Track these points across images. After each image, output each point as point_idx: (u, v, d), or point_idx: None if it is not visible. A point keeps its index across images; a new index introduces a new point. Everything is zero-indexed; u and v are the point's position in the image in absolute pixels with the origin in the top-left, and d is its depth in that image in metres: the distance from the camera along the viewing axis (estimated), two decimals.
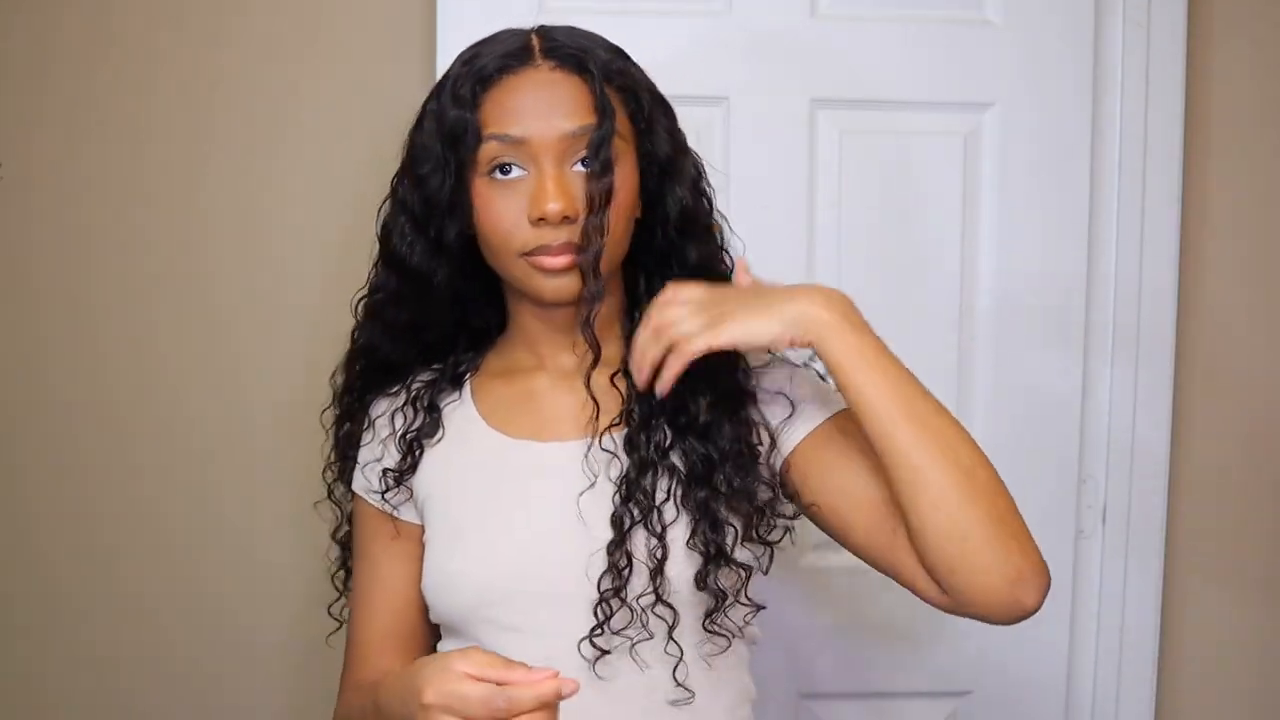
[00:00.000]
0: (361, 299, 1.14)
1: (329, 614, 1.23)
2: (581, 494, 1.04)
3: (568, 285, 1.03)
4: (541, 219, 1.00)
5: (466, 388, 1.14)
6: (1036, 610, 0.96)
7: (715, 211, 1.14)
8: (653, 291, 1.06)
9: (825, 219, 1.55)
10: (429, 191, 1.04)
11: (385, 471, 1.12)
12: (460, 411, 1.13)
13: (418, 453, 1.11)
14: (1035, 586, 0.95)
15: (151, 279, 1.56)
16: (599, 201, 1.01)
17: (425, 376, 1.15)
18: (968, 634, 1.60)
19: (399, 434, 1.12)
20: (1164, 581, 1.63)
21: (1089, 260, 1.57)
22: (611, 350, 1.08)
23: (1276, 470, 1.65)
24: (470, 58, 1.04)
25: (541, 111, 1.01)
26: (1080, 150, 1.56)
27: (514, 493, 1.07)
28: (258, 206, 1.56)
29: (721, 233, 1.14)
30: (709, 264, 1.11)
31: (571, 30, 1.06)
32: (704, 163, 1.13)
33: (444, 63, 1.45)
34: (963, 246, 1.56)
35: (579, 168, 1.02)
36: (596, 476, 1.05)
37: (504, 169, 1.02)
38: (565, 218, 1.00)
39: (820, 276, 1.55)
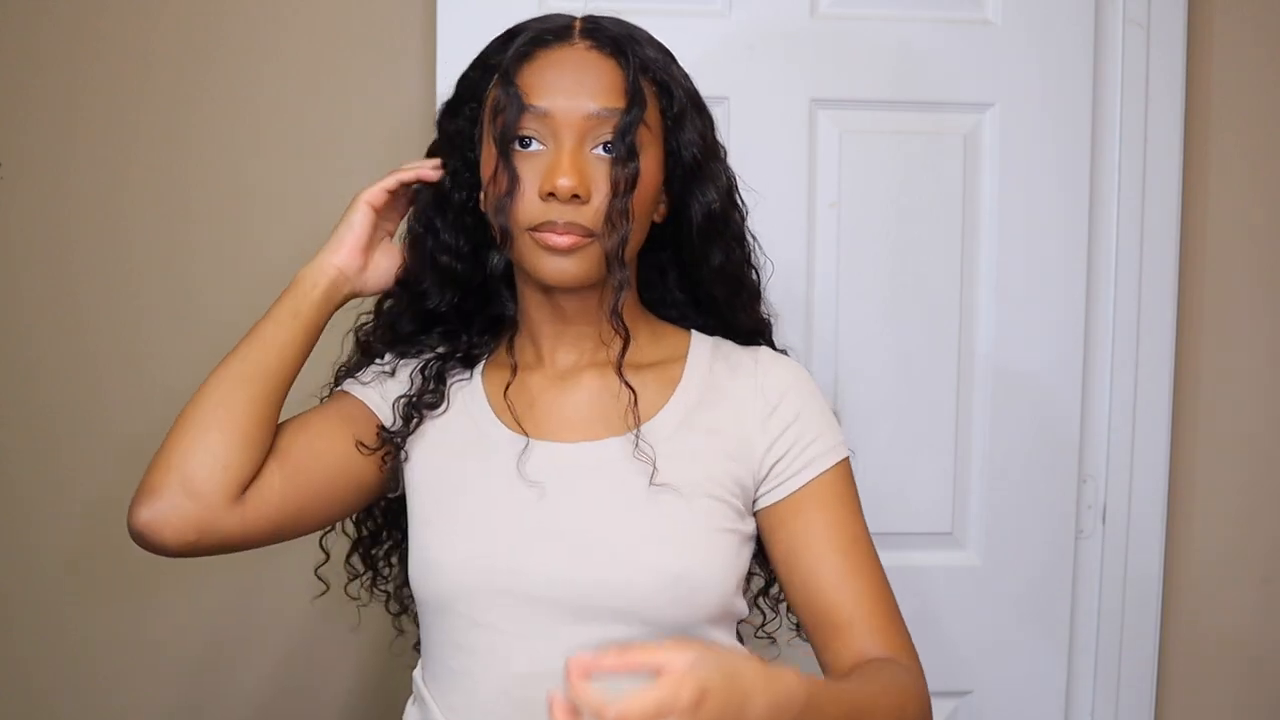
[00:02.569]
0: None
1: (346, 593, 1.24)
2: (569, 498, 1.04)
3: (569, 268, 1.01)
4: (551, 194, 0.99)
5: (478, 371, 1.14)
6: None
7: (747, 229, 1.13)
8: (679, 287, 1.14)
9: (825, 219, 1.55)
10: (455, 157, 1.08)
11: (397, 400, 1.11)
12: (467, 391, 1.12)
13: (415, 420, 1.10)
14: None
15: (147, 279, 1.57)
16: (624, 186, 1.00)
17: (440, 349, 1.14)
18: (968, 634, 1.60)
19: (401, 396, 1.11)
20: (1164, 581, 1.63)
21: (1088, 260, 1.57)
22: (619, 349, 1.07)
23: (1276, 470, 1.65)
24: (511, 34, 1.05)
25: (568, 88, 1.00)
26: (1080, 150, 1.56)
27: (504, 487, 1.05)
28: (255, 206, 1.56)
29: (753, 250, 1.14)
30: (732, 270, 1.12)
31: (619, 20, 1.06)
32: (736, 177, 1.12)
33: (444, 60, 1.45)
34: (963, 246, 1.56)
35: (600, 151, 1.01)
36: (587, 481, 1.04)
37: (524, 141, 1.01)
38: (575, 196, 0.98)
39: (820, 277, 1.55)
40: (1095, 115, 1.56)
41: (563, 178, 0.98)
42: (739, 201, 1.12)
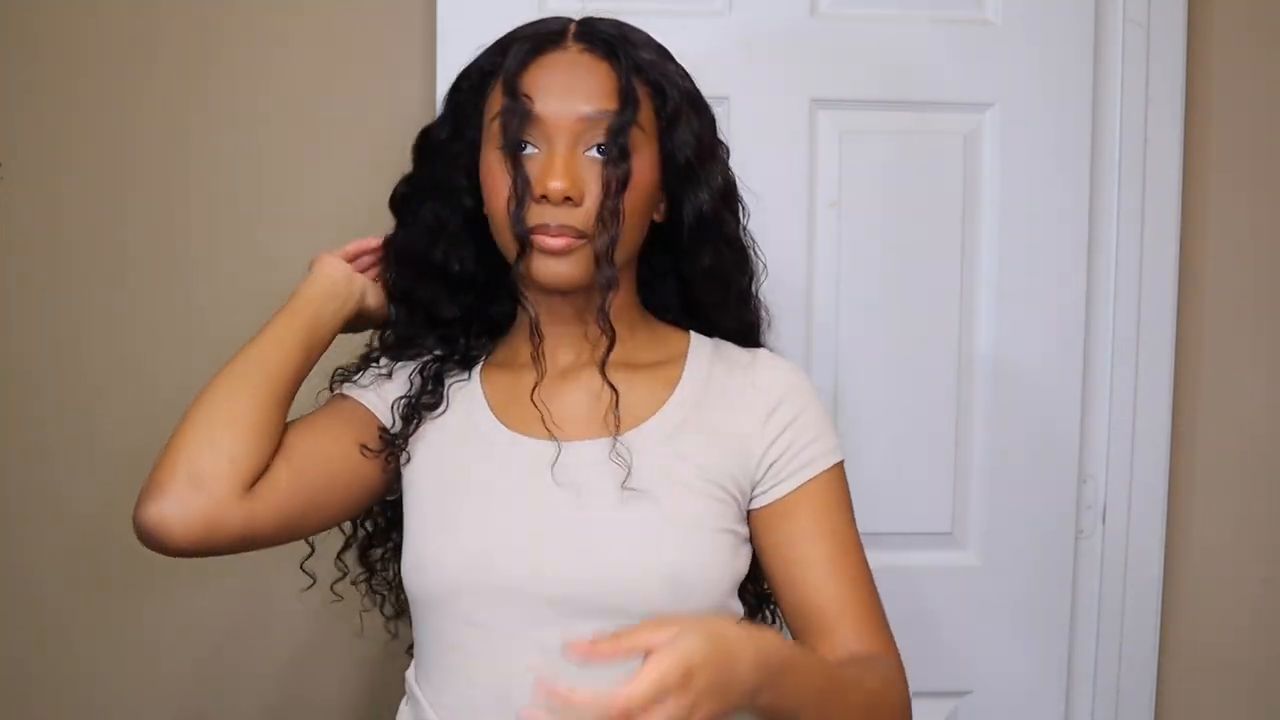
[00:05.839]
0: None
1: (332, 591, 1.24)
2: (565, 497, 1.03)
3: (563, 269, 1.02)
4: (544, 196, 1.00)
5: (476, 372, 1.14)
6: None
7: (745, 232, 1.13)
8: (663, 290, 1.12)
9: (825, 219, 1.55)
10: (449, 162, 1.07)
11: (396, 401, 1.12)
12: (466, 392, 1.12)
13: (415, 421, 1.10)
14: None
15: (147, 280, 1.57)
16: (614, 187, 1.00)
17: (438, 351, 1.15)
18: (967, 634, 1.60)
19: (401, 397, 1.11)
20: (1164, 581, 1.63)
21: (1089, 260, 1.57)
22: (616, 350, 1.07)
23: (1276, 470, 1.65)
24: (507, 41, 1.06)
25: (561, 91, 1.01)
26: (1080, 150, 1.56)
27: (500, 486, 1.06)
28: (254, 208, 1.56)
29: (751, 249, 1.14)
30: (720, 273, 1.12)
31: (616, 21, 1.07)
32: (737, 178, 1.13)
33: (444, 64, 1.46)
34: (963, 246, 1.56)
35: (594, 154, 1.02)
36: (585, 479, 1.04)
37: (519, 145, 1.02)
38: (567, 198, 0.99)
39: (820, 276, 1.55)
40: (1095, 115, 1.56)
41: (554, 180, 0.99)
42: (737, 204, 1.12)
